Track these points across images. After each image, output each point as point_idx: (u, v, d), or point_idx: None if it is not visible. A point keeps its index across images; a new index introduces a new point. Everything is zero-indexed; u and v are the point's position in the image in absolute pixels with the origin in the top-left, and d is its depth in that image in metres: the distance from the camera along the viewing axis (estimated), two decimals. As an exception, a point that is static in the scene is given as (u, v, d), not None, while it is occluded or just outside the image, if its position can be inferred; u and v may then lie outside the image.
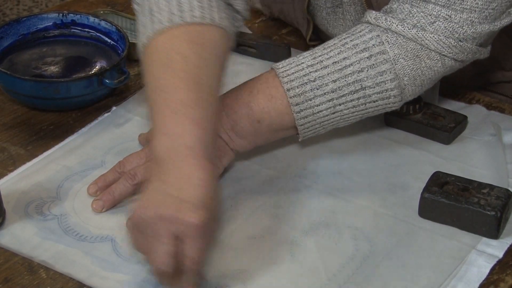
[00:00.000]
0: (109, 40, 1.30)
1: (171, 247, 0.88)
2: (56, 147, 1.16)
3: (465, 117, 1.19)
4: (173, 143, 0.94)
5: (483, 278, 0.97)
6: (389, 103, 1.07)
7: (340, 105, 1.05)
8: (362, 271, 0.98)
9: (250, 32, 1.40)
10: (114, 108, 1.23)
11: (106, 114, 1.22)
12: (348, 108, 1.06)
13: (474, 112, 1.22)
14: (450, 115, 1.19)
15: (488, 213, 1.01)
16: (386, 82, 1.04)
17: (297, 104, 1.04)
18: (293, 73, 1.05)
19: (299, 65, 1.05)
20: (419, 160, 1.14)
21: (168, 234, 0.88)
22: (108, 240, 1.02)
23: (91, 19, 1.31)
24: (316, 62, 1.05)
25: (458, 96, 1.26)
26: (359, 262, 0.99)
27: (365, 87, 1.04)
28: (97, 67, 1.28)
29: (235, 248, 1.01)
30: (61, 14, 1.32)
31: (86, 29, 1.32)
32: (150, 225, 0.89)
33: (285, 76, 1.05)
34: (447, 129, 1.17)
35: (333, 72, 1.04)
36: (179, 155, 0.93)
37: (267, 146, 1.16)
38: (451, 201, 1.02)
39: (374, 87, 1.04)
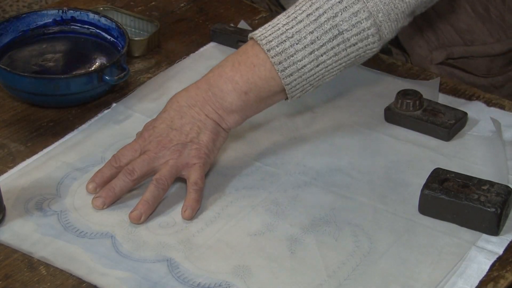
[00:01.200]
0: (109, 37, 1.30)
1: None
2: (56, 143, 1.16)
3: (465, 114, 1.19)
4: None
5: (483, 275, 0.97)
6: (368, 44, 1.07)
7: (322, 55, 1.05)
8: (362, 268, 0.98)
9: (250, 28, 1.40)
10: (114, 104, 1.23)
11: (106, 111, 1.22)
12: (330, 58, 1.06)
13: (474, 109, 1.22)
14: (450, 112, 1.19)
15: (488, 209, 1.01)
16: (362, 21, 1.05)
17: (280, 63, 1.05)
18: (270, 34, 1.06)
19: (274, 27, 1.07)
20: (419, 157, 1.14)
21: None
22: (108, 237, 1.02)
23: (91, 15, 1.31)
24: (291, 19, 1.06)
25: (458, 92, 1.26)
26: (359, 259, 0.99)
27: (343, 31, 1.05)
28: (97, 63, 1.28)
29: (235, 245, 1.01)
30: (60, 11, 1.31)
31: (86, 26, 1.32)
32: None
33: (263, 39, 1.06)
34: (447, 126, 1.17)
35: (309, 24, 1.05)
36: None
37: (266, 143, 1.16)
38: (451, 198, 1.02)
39: (351, 29, 1.05)
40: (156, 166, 1.06)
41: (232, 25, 1.40)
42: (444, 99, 1.24)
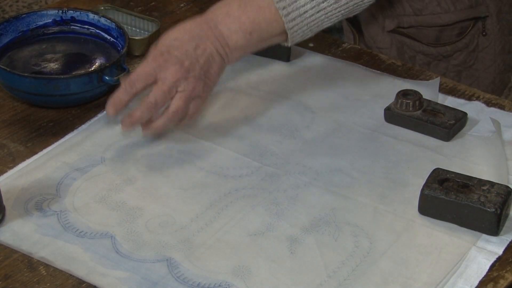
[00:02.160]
0: (108, 37, 1.30)
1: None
2: (56, 144, 1.16)
3: (465, 114, 1.19)
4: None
5: (483, 275, 0.97)
6: None
7: (323, 2, 1.11)
8: (362, 268, 0.98)
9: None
10: (113, 104, 1.23)
11: (105, 111, 1.22)
12: (331, 5, 1.11)
13: (474, 109, 1.22)
14: (450, 112, 1.19)
15: (488, 210, 1.01)
16: None
17: (284, 8, 1.10)
18: None
19: None
20: (419, 157, 1.14)
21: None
22: (108, 237, 1.01)
23: (91, 15, 1.31)
24: None
25: (458, 93, 1.26)
26: (359, 259, 0.99)
27: None
28: (96, 63, 1.28)
29: (235, 245, 1.01)
30: (60, 11, 1.31)
31: (86, 26, 1.32)
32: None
33: None
34: (447, 126, 1.17)
35: None
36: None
37: (266, 143, 1.16)
38: (451, 198, 1.02)
39: None
40: (173, 94, 1.10)
41: (232, 25, 1.39)
42: (444, 99, 1.24)
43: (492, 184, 1.04)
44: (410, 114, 1.19)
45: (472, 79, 1.45)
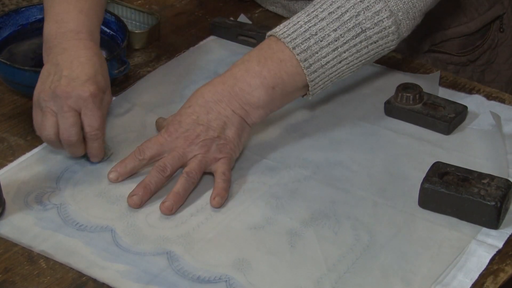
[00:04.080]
0: (108, 30, 1.30)
1: (73, 118, 1.06)
2: (56, 137, 1.16)
3: (465, 107, 1.19)
4: (60, 28, 1.12)
5: (483, 268, 0.97)
6: (388, 42, 1.10)
7: (345, 52, 1.08)
8: (361, 261, 0.98)
9: (250, 22, 1.40)
10: (114, 98, 1.23)
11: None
12: (353, 54, 1.08)
13: (474, 102, 1.22)
14: (450, 105, 1.19)
15: (488, 203, 1.01)
16: (383, 20, 1.07)
17: (305, 60, 1.07)
18: (293, 32, 1.07)
19: (296, 25, 1.08)
20: (419, 150, 1.14)
21: (68, 108, 1.05)
22: (108, 231, 1.02)
23: (91, 9, 1.31)
24: (312, 17, 1.08)
25: (458, 86, 1.26)
26: (359, 252, 0.99)
27: (365, 29, 1.07)
28: (96, 57, 1.28)
29: (235, 238, 1.01)
30: (60, 4, 1.31)
31: (86, 19, 1.31)
32: (48, 103, 1.06)
33: (287, 37, 1.07)
34: (447, 119, 1.17)
35: (332, 22, 1.07)
36: (65, 39, 1.11)
37: (266, 137, 1.16)
38: (451, 192, 1.02)
39: (373, 28, 1.08)
40: (186, 161, 1.07)
41: (232, 18, 1.40)
42: (444, 93, 1.24)
43: (492, 177, 1.04)
44: (410, 107, 1.19)
45: (495, 75, 1.45)
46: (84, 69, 1.08)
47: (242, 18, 1.41)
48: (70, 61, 1.08)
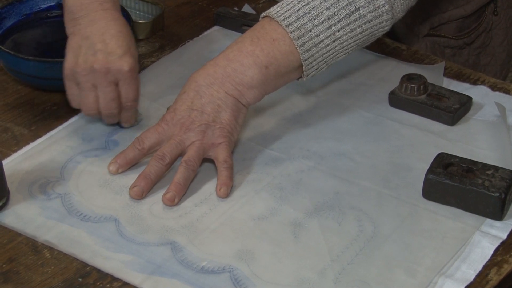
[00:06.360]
0: (112, 20, 1.30)
1: (113, 93, 1.09)
2: (60, 127, 1.16)
3: (470, 98, 1.19)
4: None
5: (486, 259, 0.97)
6: (382, 22, 1.08)
7: (338, 31, 1.07)
8: (365, 252, 0.98)
9: (254, 12, 1.39)
10: (117, 88, 1.23)
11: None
12: (346, 33, 1.07)
13: (479, 93, 1.22)
14: (455, 96, 1.18)
15: (493, 194, 1.00)
16: None
17: (299, 38, 1.06)
18: (286, 11, 1.07)
19: (289, 4, 1.07)
20: (423, 141, 1.14)
21: (107, 83, 1.08)
22: (112, 221, 1.02)
23: (95, -1, 1.31)
24: None
25: (463, 77, 1.26)
26: (363, 243, 0.99)
27: (359, 7, 1.07)
28: (100, 47, 1.28)
29: (239, 229, 1.01)
30: (64, -6, 1.31)
31: (90, 9, 1.31)
32: (86, 77, 1.08)
33: (280, 15, 1.07)
34: (452, 110, 1.16)
35: (325, 0, 1.06)
36: (92, 9, 1.11)
37: (269, 127, 1.16)
38: (455, 183, 1.02)
39: (367, 6, 1.07)
40: (184, 148, 1.07)
41: (236, 8, 1.39)
42: (448, 84, 1.24)
43: (496, 168, 1.03)
44: (414, 98, 1.18)
45: (490, 58, 1.46)
46: (118, 41, 1.09)
47: (246, 8, 1.40)
48: (101, 33, 1.09)
